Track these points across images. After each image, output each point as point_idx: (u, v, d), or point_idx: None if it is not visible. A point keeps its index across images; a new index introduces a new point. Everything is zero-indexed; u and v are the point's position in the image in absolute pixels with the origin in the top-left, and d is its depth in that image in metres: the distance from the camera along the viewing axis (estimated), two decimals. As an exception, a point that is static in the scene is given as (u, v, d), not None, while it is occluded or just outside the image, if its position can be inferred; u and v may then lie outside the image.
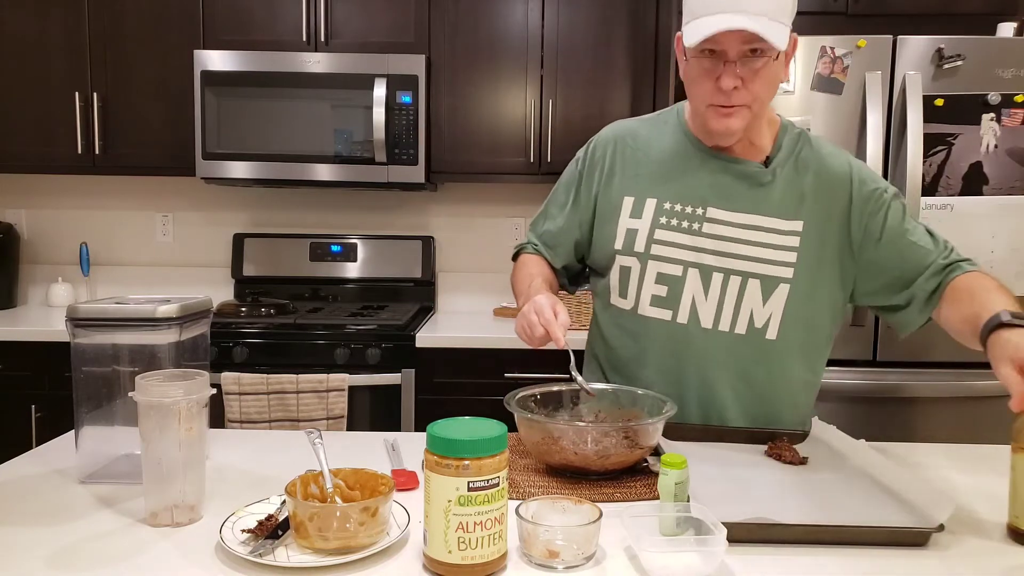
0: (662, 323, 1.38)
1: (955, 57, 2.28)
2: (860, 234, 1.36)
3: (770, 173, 1.37)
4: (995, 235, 2.33)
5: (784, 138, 1.40)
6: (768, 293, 1.35)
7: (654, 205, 1.39)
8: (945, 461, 1.37)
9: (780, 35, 1.21)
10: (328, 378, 2.47)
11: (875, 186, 1.38)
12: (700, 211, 1.37)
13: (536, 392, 1.34)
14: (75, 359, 1.18)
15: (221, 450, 1.34)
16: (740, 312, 1.36)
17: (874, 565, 0.95)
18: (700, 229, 1.36)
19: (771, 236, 1.35)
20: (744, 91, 1.26)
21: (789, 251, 1.35)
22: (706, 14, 1.21)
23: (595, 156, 1.47)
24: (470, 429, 0.91)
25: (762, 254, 1.35)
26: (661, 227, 1.38)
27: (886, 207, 1.36)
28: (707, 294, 1.36)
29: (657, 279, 1.38)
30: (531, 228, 1.58)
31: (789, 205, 1.36)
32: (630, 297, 1.40)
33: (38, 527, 1.02)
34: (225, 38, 2.81)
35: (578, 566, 0.93)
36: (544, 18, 2.81)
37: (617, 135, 1.47)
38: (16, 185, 3.21)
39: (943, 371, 2.36)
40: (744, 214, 1.36)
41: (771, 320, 1.35)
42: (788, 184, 1.37)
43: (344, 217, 3.24)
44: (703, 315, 1.36)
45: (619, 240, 1.41)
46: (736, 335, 1.36)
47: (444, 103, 2.84)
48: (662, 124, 1.46)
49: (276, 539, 0.95)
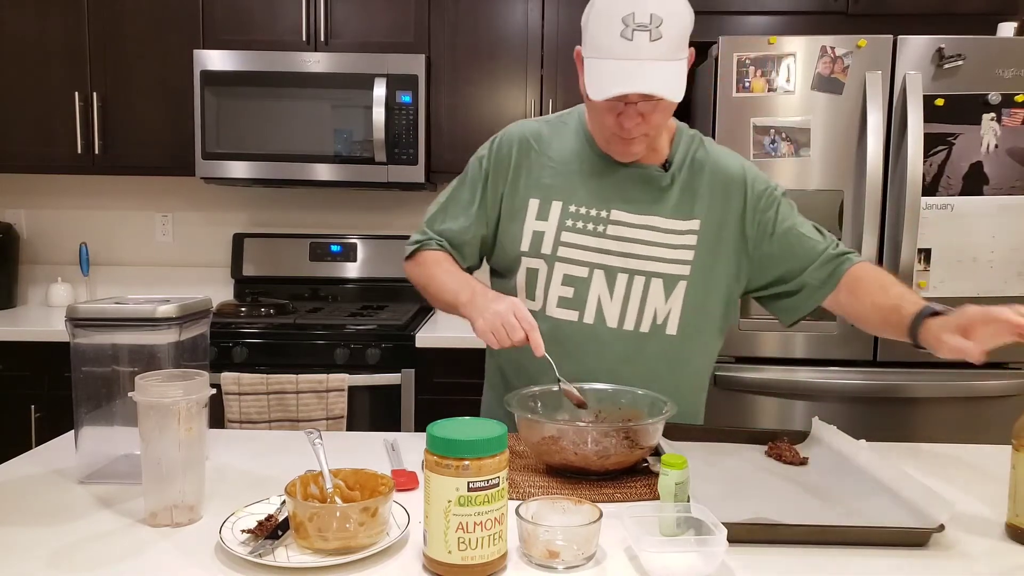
0: (569, 324, 1.40)
1: (955, 57, 2.28)
2: (754, 230, 1.42)
3: (668, 176, 1.40)
4: (995, 235, 2.33)
5: (680, 142, 1.43)
6: (669, 291, 1.39)
7: (560, 208, 1.40)
8: (945, 461, 1.37)
9: (677, 83, 1.22)
10: (328, 378, 2.47)
11: (766, 185, 1.44)
12: (604, 214, 1.39)
13: (536, 392, 1.34)
14: (75, 359, 1.18)
15: (221, 450, 1.34)
16: (644, 311, 1.39)
17: (874, 565, 0.95)
18: (604, 231, 1.39)
19: (670, 236, 1.39)
20: (644, 124, 1.29)
21: (687, 250, 1.39)
22: (608, 57, 1.22)
23: (500, 154, 1.46)
24: (470, 429, 0.91)
25: (662, 254, 1.38)
26: (567, 230, 1.39)
27: (777, 204, 1.43)
28: (612, 294, 1.38)
29: (564, 280, 1.40)
30: (427, 225, 1.52)
31: (685, 205, 1.40)
32: (538, 299, 1.42)
33: (38, 527, 1.02)
34: (225, 38, 2.81)
35: (578, 566, 0.93)
36: (544, 18, 2.81)
37: (521, 135, 1.47)
38: (16, 185, 3.21)
39: (943, 371, 2.36)
40: (645, 216, 1.39)
41: (670, 316, 1.39)
42: (685, 186, 1.41)
43: (344, 217, 3.24)
44: (608, 315, 1.39)
45: (525, 242, 1.41)
46: (640, 333, 1.39)
47: (444, 103, 2.84)
48: (563, 126, 1.47)
49: (276, 539, 0.95)
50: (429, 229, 1.52)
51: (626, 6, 1.20)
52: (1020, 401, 2.35)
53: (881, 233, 2.34)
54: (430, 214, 1.53)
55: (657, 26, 1.19)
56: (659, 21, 1.19)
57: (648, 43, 1.19)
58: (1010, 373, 2.37)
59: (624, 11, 1.20)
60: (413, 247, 1.52)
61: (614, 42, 1.21)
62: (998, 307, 1.12)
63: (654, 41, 1.19)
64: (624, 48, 1.20)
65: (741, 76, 2.32)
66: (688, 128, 1.47)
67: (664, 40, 1.20)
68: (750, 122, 2.31)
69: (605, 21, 1.22)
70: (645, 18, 1.19)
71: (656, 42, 1.19)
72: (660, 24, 1.19)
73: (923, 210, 2.30)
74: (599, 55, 1.23)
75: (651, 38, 1.19)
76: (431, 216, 1.53)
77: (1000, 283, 2.34)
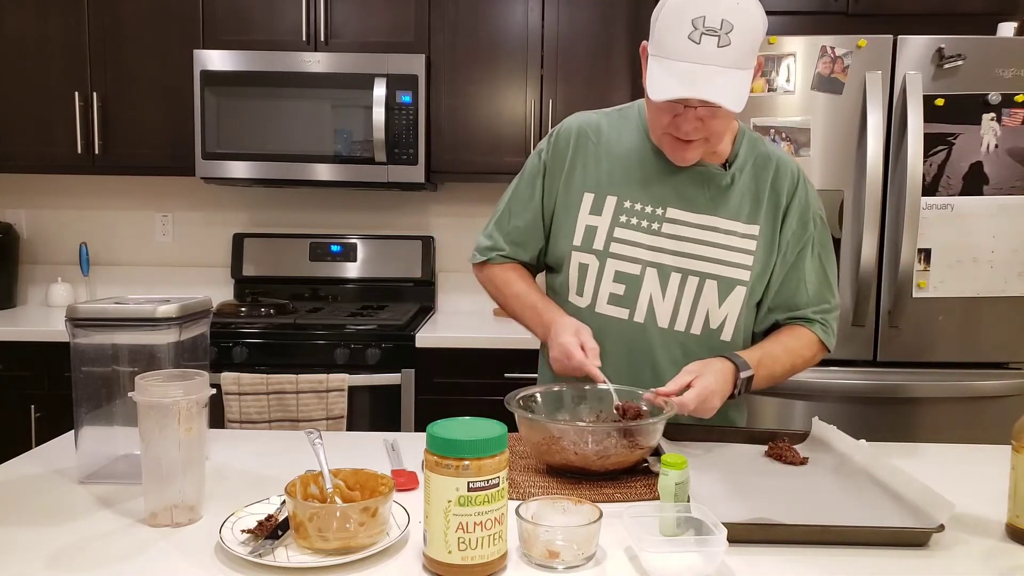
0: (619, 321, 1.39)
1: (955, 57, 2.28)
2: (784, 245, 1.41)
3: (729, 176, 1.39)
4: (995, 235, 2.32)
5: (742, 142, 1.42)
6: (724, 294, 1.37)
7: (614, 203, 1.39)
8: (945, 461, 1.37)
9: (740, 92, 1.20)
10: (328, 378, 2.47)
11: (811, 206, 1.42)
12: (660, 211, 1.38)
13: (536, 392, 1.34)
14: (75, 359, 1.18)
15: (221, 450, 1.34)
16: (696, 312, 1.38)
17: (874, 565, 0.95)
18: (660, 229, 1.38)
19: (729, 238, 1.38)
20: (702, 128, 1.27)
21: (746, 254, 1.38)
22: (673, 58, 1.20)
23: (558, 147, 1.45)
24: (470, 429, 0.91)
25: (720, 255, 1.37)
26: (621, 225, 1.39)
27: (811, 229, 1.42)
28: (664, 294, 1.38)
29: (615, 277, 1.39)
30: (495, 227, 1.52)
31: (747, 209, 1.39)
32: (587, 295, 1.41)
33: (38, 527, 1.02)
34: (225, 38, 2.81)
35: (578, 566, 0.93)
36: (544, 18, 2.81)
37: (580, 127, 1.45)
38: (16, 185, 3.21)
39: (943, 371, 2.36)
40: (703, 215, 1.38)
41: (727, 321, 1.39)
42: (746, 188, 1.40)
43: (344, 217, 3.24)
44: (660, 314, 1.38)
45: (577, 236, 1.41)
46: (691, 335, 1.39)
47: (444, 103, 2.84)
48: (623, 120, 1.45)
49: (276, 539, 0.95)
50: (497, 232, 1.51)
51: (698, 8, 1.18)
52: (1020, 401, 2.34)
53: (881, 233, 2.34)
54: (496, 214, 1.53)
55: (727, 32, 1.17)
56: (729, 27, 1.17)
57: (715, 48, 1.18)
58: (1010, 373, 2.37)
59: (695, 13, 1.18)
60: (483, 257, 1.52)
61: (681, 43, 1.19)
62: (695, 395, 1.23)
63: (722, 47, 1.18)
64: (690, 51, 1.19)
65: (741, 76, 2.31)
66: (750, 130, 1.46)
67: (732, 47, 1.18)
68: (750, 122, 2.31)
69: (675, 21, 1.20)
70: (716, 23, 1.17)
71: (724, 48, 1.18)
72: (730, 31, 1.17)
73: (923, 210, 2.30)
74: (664, 54, 1.21)
75: (719, 44, 1.18)
76: (498, 217, 1.52)
77: (1000, 283, 2.34)
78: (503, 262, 1.51)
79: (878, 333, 2.37)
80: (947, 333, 2.36)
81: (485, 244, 1.53)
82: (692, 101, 1.22)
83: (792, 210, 1.40)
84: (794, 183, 1.41)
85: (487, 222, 1.55)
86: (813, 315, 1.43)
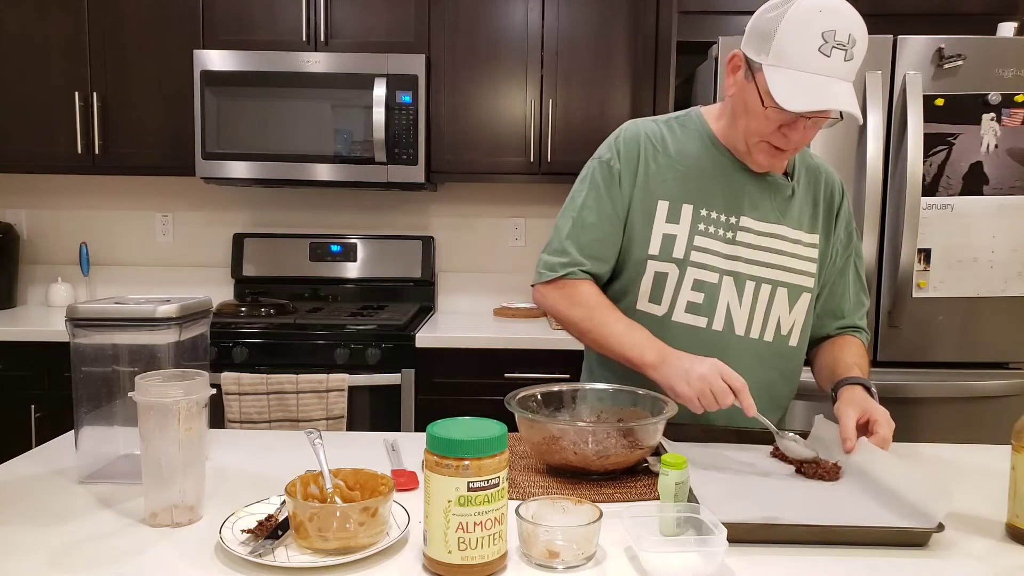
0: (695, 330, 1.39)
1: (955, 57, 2.28)
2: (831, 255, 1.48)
3: (790, 187, 1.43)
4: (995, 235, 2.33)
5: (796, 154, 1.44)
6: (793, 301, 1.41)
7: (691, 211, 1.39)
8: (945, 461, 1.37)
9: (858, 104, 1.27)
10: (328, 378, 2.47)
11: (851, 215, 1.51)
12: (734, 220, 1.39)
13: (536, 392, 1.34)
14: (75, 359, 1.18)
15: (221, 450, 1.34)
16: (769, 320, 1.41)
17: (874, 565, 0.95)
18: (735, 238, 1.39)
19: (796, 247, 1.42)
20: (805, 139, 1.31)
21: (811, 262, 1.43)
22: (802, 69, 1.22)
23: (629, 154, 1.41)
24: (470, 429, 0.91)
25: (788, 263, 1.41)
26: (700, 234, 1.38)
27: (852, 239, 1.50)
28: (741, 302, 1.39)
29: (694, 286, 1.38)
30: (569, 242, 1.41)
31: (807, 217, 1.44)
32: (664, 303, 1.39)
33: (38, 527, 1.02)
34: (225, 38, 2.81)
35: (578, 566, 0.93)
36: (544, 18, 2.81)
37: (645, 135, 1.42)
38: (16, 185, 3.21)
39: (944, 371, 2.36)
40: (772, 224, 1.41)
41: (794, 328, 1.43)
42: (804, 198, 1.44)
43: (344, 217, 3.24)
44: (737, 322, 1.39)
45: (654, 245, 1.38)
46: (765, 342, 1.41)
47: (444, 103, 2.84)
48: (683, 128, 1.44)
49: (276, 539, 0.95)
50: (572, 246, 1.41)
51: (828, 23, 1.20)
52: (1020, 401, 2.35)
53: (881, 233, 2.34)
54: (565, 229, 1.42)
55: (852, 47, 1.21)
56: (854, 42, 1.21)
57: (843, 62, 1.21)
58: (1010, 373, 2.37)
59: (826, 27, 1.20)
60: (558, 273, 1.41)
61: (810, 56, 1.21)
62: (885, 421, 1.26)
63: (848, 61, 1.21)
64: (821, 63, 1.21)
65: (741, 76, 2.31)
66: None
67: (854, 62, 1.22)
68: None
69: (803, 33, 1.21)
70: (844, 37, 1.20)
71: (849, 63, 1.22)
72: (854, 45, 1.21)
73: (923, 210, 2.30)
74: (789, 65, 1.23)
75: (846, 58, 1.21)
76: (567, 232, 1.42)
77: (1000, 283, 2.34)
78: (583, 278, 1.41)
79: (878, 333, 2.37)
80: (947, 333, 2.36)
81: (558, 260, 1.42)
82: (827, 112, 1.25)
83: (840, 220, 1.48)
84: (841, 194, 1.48)
85: (550, 240, 1.45)
86: (858, 321, 1.51)
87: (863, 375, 1.39)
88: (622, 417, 1.31)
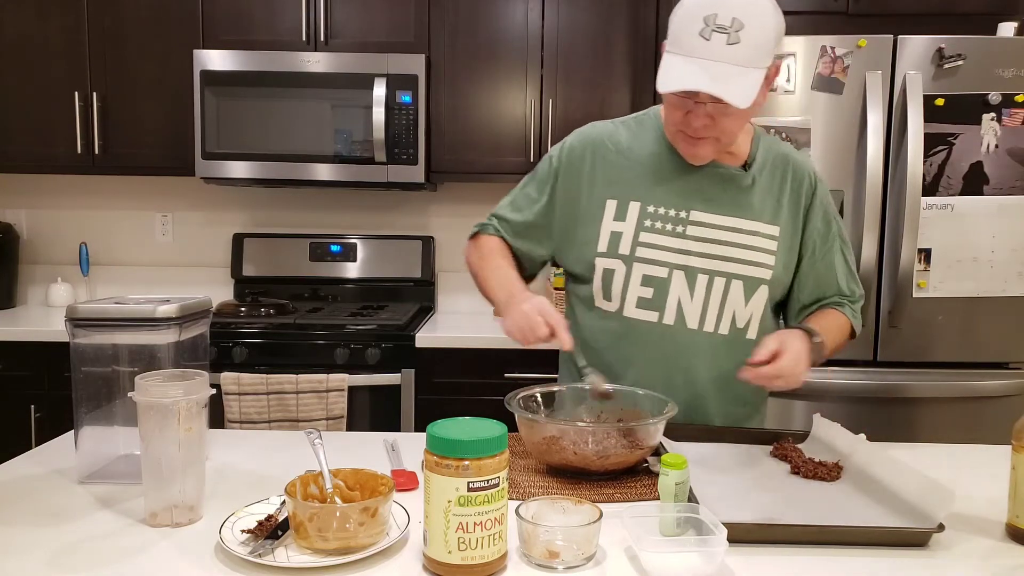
0: (648, 324, 1.40)
1: (955, 57, 2.28)
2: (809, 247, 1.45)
3: (750, 177, 1.41)
4: (995, 235, 2.32)
5: (759, 144, 1.44)
6: (750, 294, 1.39)
7: (638, 208, 1.40)
8: (945, 461, 1.37)
9: (745, 90, 1.21)
10: (328, 378, 2.47)
11: (828, 204, 1.46)
12: (684, 214, 1.39)
13: (536, 392, 1.34)
14: (75, 359, 1.18)
15: (221, 450, 1.34)
16: (724, 313, 1.39)
17: (874, 565, 0.95)
18: (684, 232, 1.39)
19: (753, 239, 1.39)
20: (713, 127, 1.29)
21: (769, 254, 1.40)
22: (683, 53, 1.23)
23: (572, 157, 1.46)
24: (470, 429, 0.91)
25: (744, 255, 1.39)
26: (646, 230, 1.39)
27: (831, 226, 1.45)
28: (692, 295, 1.38)
29: (643, 281, 1.39)
30: (493, 213, 1.56)
31: (769, 209, 1.41)
32: (615, 299, 1.41)
33: (38, 527, 1.02)
34: (225, 38, 2.81)
35: (578, 566, 0.93)
36: (544, 18, 2.81)
37: (596, 138, 1.47)
38: (16, 185, 3.21)
39: (943, 371, 2.36)
40: (727, 216, 1.39)
41: (752, 320, 1.41)
42: (766, 189, 1.42)
43: (344, 217, 3.24)
44: (689, 316, 1.39)
45: (602, 243, 1.41)
46: (719, 335, 1.40)
47: (444, 103, 2.84)
48: (639, 126, 1.47)
49: (276, 539, 0.95)
50: (499, 217, 1.55)
51: (710, 6, 1.20)
52: (1020, 401, 2.35)
53: (881, 233, 2.34)
54: (500, 206, 1.56)
55: (737, 30, 1.19)
56: (740, 26, 1.19)
57: (724, 46, 1.19)
58: (1010, 373, 2.37)
59: (707, 11, 1.20)
60: (475, 229, 1.57)
61: (691, 39, 1.21)
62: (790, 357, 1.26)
63: (731, 45, 1.19)
64: (700, 47, 1.20)
65: (741, 76, 2.31)
66: (766, 132, 1.48)
67: (742, 46, 1.19)
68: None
69: (688, 18, 1.22)
70: (726, 20, 1.19)
71: (733, 46, 1.19)
72: (740, 29, 1.19)
73: (923, 210, 2.30)
74: (675, 50, 1.24)
75: (728, 41, 1.19)
76: (500, 208, 1.56)
77: (1000, 283, 2.34)
78: (494, 234, 1.54)
79: (878, 333, 2.37)
80: (947, 333, 2.36)
81: (482, 223, 1.57)
82: (701, 96, 1.23)
83: (814, 210, 1.44)
84: (812, 183, 1.44)
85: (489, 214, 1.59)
86: (844, 301, 1.47)
87: (823, 329, 1.37)
88: (622, 417, 1.31)
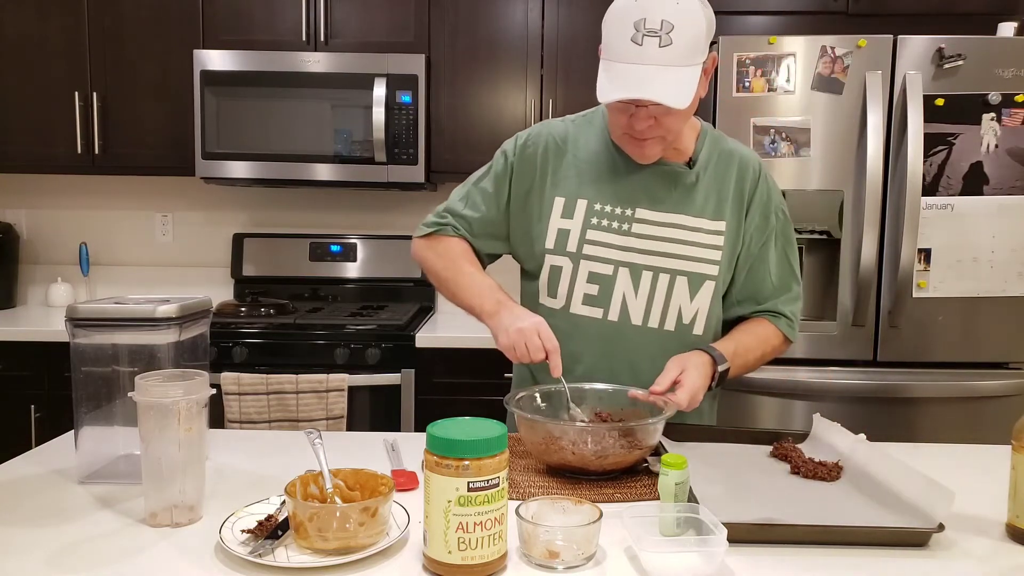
0: (593, 321, 1.41)
1: (955, 57, 2.28)
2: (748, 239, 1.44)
3: (694, 174, 1.42)
4: (995, 235, 2.32)
5: (705, 140, 1.44)
6: (695, 290, 1.40)
7: (585, 206, 1.41)
8: (945, 461, 1.37)
9: (683, 90, 1.22)
10: (328, 378, 2.47)
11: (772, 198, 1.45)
12: (629, 212, 1.40)
13: (536, 392, 1.34)
14: (75, 359, 1.18)
15: (221, 450, 1.34)
16: (669, 309, 1.40)
17: (875, 565, 0.95)
18: (630, 229, 1.40)
19: (697, 235, 1.40)
20: (658, 127, 1.29)
21: (714, 250, 1.41)
22: (619, 60, 1.23)
23: (526, 153, 1.47)
24: (470, 429, 0.91)
25: (689, 252, 1.40)
26: (592, 227, 1.41)
27: (774, 222, 1.45)
28: (637, 292, 1.40)
29: (589, 278, 1.41)
30: (447, 209, 1.52)
31: (712, 205, 1.42)
32: (560, 296, 1.43)
33: (38, 527, 1.02)
34: (225, 38, 2.81)
35: (578, 566, 0.93)
36: (544, 18, 2.81)
37: (549, 135, 1.48)
38: (16, 185, 3.21)
39: (944, 371, 2.35)
40: (671, 214, 1.41)
41: (698, 316, 1.42)
42: (711, 185, 1.42)
43: (344, 217, 3.24)
44: (633, 312, 1.40)
45: (550, 239, 1.42)
46: (665, 331, 1.41)
47: (444, 103, 2.84)
48: (588, 125, 1.48)
49: (276, 539, 0.95)
50: (454, 213, 1.52)
51: (638, 11, 1.21)
52: (1020, 401, 2.35)
53: (881, 233, 2.34)
54: (452, 200, 1.54)
55: (667, 32, 1.20)
56: (670, 27, 1.20)
57: (657, 49, 1.20)
58: (1010, 373, 2.37)
59: (636, 16, 1.21)
60: (431, 228, 1.52)
61: (625, 46, 1.22)
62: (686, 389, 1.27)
63: (663, 47, 1.20)
64: (633, 53, 1.21)
65: (741, 76, 2.32)
66: (711, 127, 1.48)
67: (674, 47, 1.21)
68: (750, 122, 2.31)
69: (618, 25, 1.23)
70: (656, 24, 1.20)
71: (665, 48, 1.20)
72: (671, 31, 1.20)
73: (923, 210, 2.30)
74: (611, 58, 1.25)
75: (660, 44, 1.20)
76: (453, 202, 1.53)
77: (1000, 283, 2.34)
78: (453, 235, 1.51)
79: (878, 333, 2.37)
80: (947, 333, 2.36)
81: (436, 219, 1.52)
82: (642, 100, 1.24)
83: (754, 205, 1.44)
84: (756, 178, 1.44)
85: (438, 208, 1.55)
86: (781, 306, 1.46)
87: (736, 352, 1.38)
88: (622, 417, 1.31)
